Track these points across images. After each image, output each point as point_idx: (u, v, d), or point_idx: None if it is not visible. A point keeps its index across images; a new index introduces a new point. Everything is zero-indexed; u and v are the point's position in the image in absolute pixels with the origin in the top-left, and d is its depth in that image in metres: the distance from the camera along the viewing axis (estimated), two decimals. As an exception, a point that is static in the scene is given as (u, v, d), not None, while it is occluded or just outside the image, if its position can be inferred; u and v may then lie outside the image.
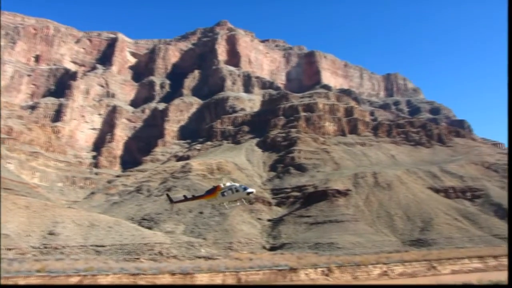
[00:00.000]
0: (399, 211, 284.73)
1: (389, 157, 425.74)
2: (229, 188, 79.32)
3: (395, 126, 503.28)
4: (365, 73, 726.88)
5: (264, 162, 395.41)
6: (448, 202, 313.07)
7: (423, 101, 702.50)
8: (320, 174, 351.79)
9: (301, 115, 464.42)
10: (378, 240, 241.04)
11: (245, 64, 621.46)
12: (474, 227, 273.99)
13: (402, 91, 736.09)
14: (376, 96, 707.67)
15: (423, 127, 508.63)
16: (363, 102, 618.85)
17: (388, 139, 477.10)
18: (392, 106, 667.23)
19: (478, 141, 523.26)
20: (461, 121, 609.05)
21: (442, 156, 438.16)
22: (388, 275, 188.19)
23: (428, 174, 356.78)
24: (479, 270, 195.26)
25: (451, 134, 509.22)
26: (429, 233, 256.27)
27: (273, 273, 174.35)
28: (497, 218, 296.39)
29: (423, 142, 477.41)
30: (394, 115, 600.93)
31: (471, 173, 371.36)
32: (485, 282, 31.62)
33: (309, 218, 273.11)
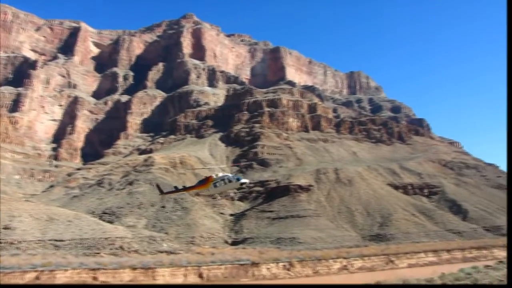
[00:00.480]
0: (359, 206, 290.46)
1: (350, 153, 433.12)
2: (221, 179, 77.12)
3: (357, 123, 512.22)
4: (329, 71, 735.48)
5: (227, 157, 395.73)
6: (406, 198, 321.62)
7: (385, 100, 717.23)
8: (283, 170, 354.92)
9: (265, 110, 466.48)
10: (338, 235, 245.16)
11: (210, 58, 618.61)
12: (430, 223, 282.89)
13: (364, 89, 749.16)
14: (339, 94, 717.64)
15: (384, 125, 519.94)
16: (326, 99, 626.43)
17: (350, 136, 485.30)
18: (355, 103, 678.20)
19: (436, 139, 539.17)
20: (420, 120, 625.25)
21: (402, 154, 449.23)
22: (348, 269, 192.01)
23: (388, 171, 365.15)
24: (434, 264, 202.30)
25: (410, 133, 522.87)
26: (388, 228, 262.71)
27: (235, 268, 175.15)
28: (451, 213, 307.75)
29: (384, 139, 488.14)
30: (356, 112, 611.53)
31: (429, 171, 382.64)
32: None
33: (271, 213, 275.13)
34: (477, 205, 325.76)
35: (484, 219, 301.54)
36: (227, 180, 75.97)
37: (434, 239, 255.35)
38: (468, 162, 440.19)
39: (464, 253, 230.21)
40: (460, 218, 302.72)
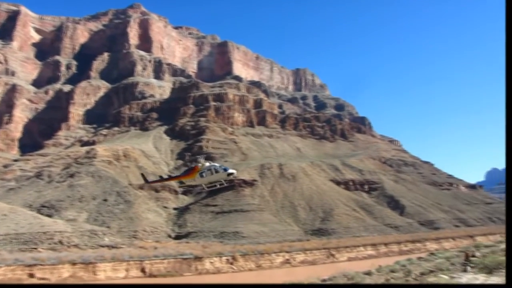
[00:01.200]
0: (302, 201, 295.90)
1: (294, 149, 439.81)
2: (208, 169, 73.57)
3: (301, 120, 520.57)
4: (275, 67, 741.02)
5: (172, 150, 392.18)
6: (347, 194, 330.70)
7: (329, 97, 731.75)
8: (228, 164, 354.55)
9: (211, 104, 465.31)
10: (281, 230, 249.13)
11: (157, 50, 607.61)
12: (369, 217, 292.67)
13: (310, 86, 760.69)
14: (285, 90, 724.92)
15: (328, 122, 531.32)
16: (272, 95, 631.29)
17: (295, 132, 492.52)
18: (300, 100, 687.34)
19: (377, 137, 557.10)
20: (362, 118, 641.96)
21: (344, 151, 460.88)
22: (290, 263, 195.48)
23: (331, 167, 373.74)
24: (372, 257, 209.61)
25: (353, 130, 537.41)
26: (329, 223, 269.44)
27: (178, 262, 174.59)
28: (389, 209, 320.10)
29: (327, 136, 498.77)
30: (301, 109, 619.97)
31: (369, 167, 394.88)
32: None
33: (215, 207, 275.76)
34: (413, 200, 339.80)
35: (419, 214, 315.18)
36: (214, 171, 72.87)
37: (373, 233, 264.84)
38: (406, 160, 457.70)
39: (400, 247, 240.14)
40: (397, 213, 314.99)
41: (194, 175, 74.69)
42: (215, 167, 73.23)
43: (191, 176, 75.68)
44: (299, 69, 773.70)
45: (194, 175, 74.69)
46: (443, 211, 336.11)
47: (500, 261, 28.63)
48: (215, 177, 73.07)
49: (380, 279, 41.45)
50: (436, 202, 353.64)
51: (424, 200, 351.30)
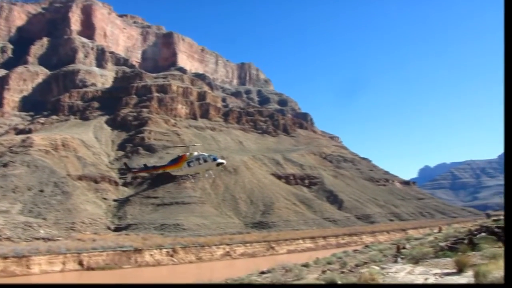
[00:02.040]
0: (243, 195, 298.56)
1: (237, 143, 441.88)
2: (196, 158, 71.20)
3: (245, 114, 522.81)
4: (220, 60, 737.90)
5: (112, 141, 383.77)
6: (288, 188, 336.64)
7: (273, 92, 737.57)
8: (170, 156, 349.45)
9: (154, 95, 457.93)
10: (222, 222, 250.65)
11: (99, 37, 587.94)
12: (309, 211, 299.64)
13: (254, 81, 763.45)
14: (229, 84, 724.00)
15: (271, 117, 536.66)
16: (216, 88, 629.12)
17: (238, 126, 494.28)
18: (244, 94, 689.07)
19: (318, 133, 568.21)
20: (305, 114, 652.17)
21: (286, 145, 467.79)
22: (231, 256, 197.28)
23: (272, 161, 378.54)
24: (311, 249, 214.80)
25: (295, 126, 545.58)
26: (270, 216, 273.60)
27: (117, 254, 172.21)
28: (328, 203, 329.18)
29: (270, 131, 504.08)
30: (245, 103, 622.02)
31: (310, 162, 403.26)
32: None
33: (156, 199, 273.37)
34: (351, 195, 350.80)
35: (357, 208, 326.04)
36: (202, 160, 70.53)
37: (312, 227, 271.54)
38: (346, 156, 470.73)
39: (338, 240, 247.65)
40: (336, 207, 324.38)
41: (181, 165, 72.53)
42: (203, 157, 71.34)
43: (178, 165, 73.35)
44: (244, 64, 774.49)
45: (181, 165, 72.53)
46: (379, 206, 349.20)
47: (425, 252, 30.79)
48: (204, 166, 71.36)
49: (317, 270, 42.53)
50: (373, 197, 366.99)
51: (361, 195, 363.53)
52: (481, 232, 36.87)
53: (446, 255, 29.24)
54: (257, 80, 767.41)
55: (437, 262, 26.36)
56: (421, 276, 21.36)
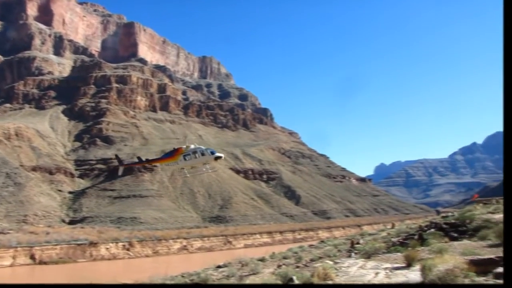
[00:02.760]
0: (202, 189, 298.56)
1: (196, 136, 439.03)
2: (193, 152, 67.16)
3: (205, 107, 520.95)
4: (182, 52, 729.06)
5: (69, 131, 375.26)
6: (246, 183, 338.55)
7: (233, 87, 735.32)
8: (128, 148, 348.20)
9: (113, 86, 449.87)
10: (180, 216, 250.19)
11: (58, 24, 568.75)
12: (267, 206, 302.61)
13: (215, 74, 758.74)
14: (190, 76, 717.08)
15: (231, 111, 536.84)
16: (177, 81, 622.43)
17: (197, 119, 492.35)
18: (204, 88, 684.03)
19: (277, 129, 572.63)
20: (265, 109, 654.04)
21: (245, 140, 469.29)
22: (188, 250, 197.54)
23: (231, 156, 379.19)
24: (268, 244, 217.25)
25: (255, 121, 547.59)
26: (228, 210, 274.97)
27: (71, 248, 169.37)
28: (286, 198, 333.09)
29: (230, 125, 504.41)
30: (205, 97, 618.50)
31: (269, 158, 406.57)
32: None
33: (113, 192, 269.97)
34: (308, 191, 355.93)
35: (314, 204, 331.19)
36: (199, 153, 66.58)
37: (269, 222, 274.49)
38: (304, 152, 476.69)
39: (295, 235, 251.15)
40: (293, 203, 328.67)
41: (177, 158, 68.76)
42: (201, 150, 67.65)
43: (174, 158, 69.55)
44: (205, 57, 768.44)
45: (177, 158, 68.76)
46: (335, 202, 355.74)
47: (378, 247, 32.28)
48: (201, 160, 67.54)
49: (273, 265, 43.37)
50: (330, 193, 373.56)
51: (318, 191, 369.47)
52: (431, 228, 38.49)
53: (397, 250, 30.46)
54: (218, 74, 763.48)
55: (388, 257, 27.47)
56: (372, 271, 22.14)
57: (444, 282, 15.11)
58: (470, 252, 22.23)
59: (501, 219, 32.54)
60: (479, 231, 30.45)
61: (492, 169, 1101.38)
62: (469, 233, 32.55)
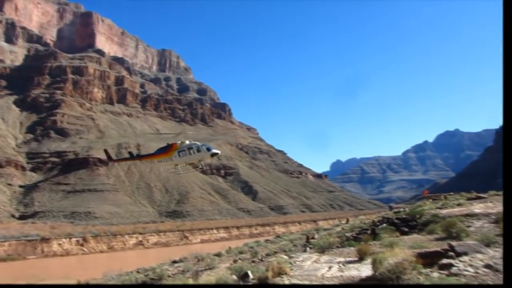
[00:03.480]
0: (158, 183, 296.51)
1: (154, 130, 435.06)
2: (188, 147, 63.93)
3: (163, 101, 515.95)
4: (140, 45, 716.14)
5: (21, 123, 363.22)
6: (204, 178, 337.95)
7: (192, 81, 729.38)
8: (83, 141, 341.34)
9: (69, 77, 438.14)
10: (136, 211, 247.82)
11: (10, 10, 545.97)
12: (224, 201, 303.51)
13: (174, 68, 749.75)
14: (148, 69, 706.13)
15: (189, 106, 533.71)
16: (135, 73, 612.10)
17: (155, 113, 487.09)
18: (163, 81, 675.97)
19: (235, 124, 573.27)
20: (223, 104, 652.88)
21: (203, 135, 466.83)
22: (144, 245, 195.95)
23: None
24: (225, 239, 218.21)
25: (213, 115, 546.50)
26: (184, 205, 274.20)
27: (21, 244, 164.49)
28: (243, 194, 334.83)
29: (188, 119, 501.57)
30: (163, 90, 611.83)
31: (227, 153, 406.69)
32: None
33: (67, 186, 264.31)
34: (265, 186, 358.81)
35: (270, 199, 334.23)
36: (195, 149, 63.36)
37: (226, 217, 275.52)
38: (262, 148, 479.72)
39: (252, 230, 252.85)
40: (250, 198, 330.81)
41: (171, 154, 65.48)
42: (197, 146, 64.39)
43: (168, 154, 66.10)
44: (164, 50, 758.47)
45: (171, 154, 65.48)
46: (291, 197, 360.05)
47: (332, 242, 32.99)
48: (196, 156, 64.53)
49: (229, 260, 43.87)
50: (286, 189, 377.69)
51: (275, 186, 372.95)
52: (383, 223, 39.45)
53: (351, 244, 31.02)
54: (177, 67, 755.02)
55: (342, 251, 28.08)
56: (326, 264, 22.75)
57: (394, 274, 15.77)
58: (418, 246, 23.23)
59: (448, 214, 35.01)
60: (428, 226, 31.44)
61: (442, 167, 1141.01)
62: (419, 227, 33.46)
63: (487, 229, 26.34)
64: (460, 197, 57.82)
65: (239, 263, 34.09)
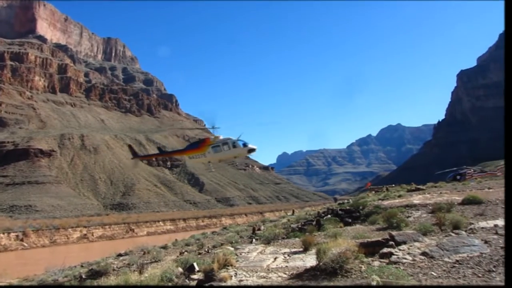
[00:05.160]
0: (103, 175, 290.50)
1: (99, 121, 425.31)
2: (223, 142, 58.24)
3: (108, 91, 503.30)
4: (85, 32, 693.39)
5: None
6: (150, 170, 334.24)
7: (139, 71, 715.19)
8: (23, 131, 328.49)
9: (7, 63, 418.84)
10: (80, 203, 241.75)
11: None
12: (170, 193, 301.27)
13: (120, 57, 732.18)
14: (93, 58, 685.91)
15: (135, 96, 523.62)
16: (79, 62, 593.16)
17: (100, 103, 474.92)
18: (109, 70, 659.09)
19: (182, 116, 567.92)
20: (170, 96, 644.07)
21: (149, 126, 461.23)
22: (88, 238, 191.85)
23: (135, 142, 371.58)
24: (171, 232, 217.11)
25: (160, 106, 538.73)
26: (130, 197, 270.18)
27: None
28: (190, 186, 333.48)
29: (134, 110, 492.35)
30: (109, 80, 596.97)
31: (173, 144, 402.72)
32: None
33: (6, 178, 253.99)
34: (212, 178, 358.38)
35: (217, 191, 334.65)
36: (231, 145, 57.89)
37: (173, 209, 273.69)
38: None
39: (198, 222, 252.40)
40: (197, 190, 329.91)
41: (204, 150, 59.79)
42: (232, 141, 58.62)
43: (201, 150, 60.37)
44: (110, 38, 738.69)
45: (204, 150, 59.79)
46: (238, 189, 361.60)
47: (278, 233, 33.60)
48: (232, 153, 59.25)
49: (175, 252, 43.64)
50: (233, 181, 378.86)
51: (222, 178, 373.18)
52: (328, 214, 40.49)
53: (296, 235, 31.52)
54: (123, 57, 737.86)
55: (287, 242, 28.33)
56: (271, 255, 23.09)
57: (337, 264, 16.04)
58: (360, 236, 23.75)
59: (389, 205, 36.14)
60: (370, 216, 32.54)
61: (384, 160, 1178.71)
62: (362, 218, 34.57)
63: (425, 219, 27.31)
64: (400, 189, 60.65)
65: (185, 255, 34.06)
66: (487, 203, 30.15)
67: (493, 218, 24.51)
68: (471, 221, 23.97)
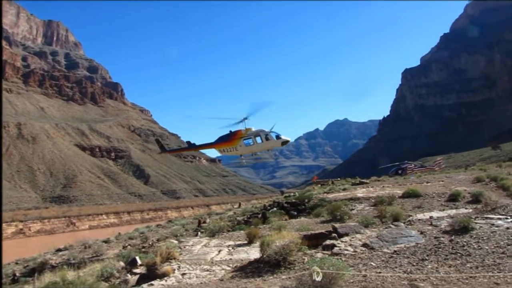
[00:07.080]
0: (42, 166, 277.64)
1: (38, 109, 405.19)
2: (255, 135, 52.68)
3: (49, 77, 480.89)
4: (23, 13, 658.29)
5: None
6: (93, 161, 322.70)
7: (82, 57, 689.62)
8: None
9: None
10: (16, 196, 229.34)
11: None
12: (114, 185, 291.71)
13: (62, 42, 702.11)
14: (32, 41, 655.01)
15: (79, 84, 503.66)
16: (16, 45, 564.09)
17: (39, 89, 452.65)
18: (49, 55, 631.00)
19: (128, 105, 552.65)
20: (115, 84, 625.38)
21: (93, 115, 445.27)
22: (25, 233, 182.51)
23: (77, 131, 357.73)
24: (115, 225, 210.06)
25: (104, 95, 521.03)
26: (71, 190, 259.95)
27: None
28: (134, 178, 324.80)
29: (76, 98, 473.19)
30: (49, 65, 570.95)
31: (118, 135, 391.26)
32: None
33: None
34: (158, 170, 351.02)
35: (163, 184, 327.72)
36: (263, 137, 52.59)
37: (117, 202, 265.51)
38: (155, 130, 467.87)
39: (143, 215, 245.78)
40: (142, 182, 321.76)
41: (236, 143, 54.10)
42: (265, 133, 53.42)
43: (232, 143, 54.44)
44: (51, 21, 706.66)
45: (236, 143, 54.10)
46: (185, 182, 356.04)
47: (223, 226, 32.75)
48: (265, 145, 54.54)
49: (118, 246, 42.70)
50: (179, 173, 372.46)
51: (168, 170, 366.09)
52: (273, 207, 41.10)
53: (241, 228, 31.49)
54: (65, 41, 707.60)
55: (232, 235, 28.07)
56: (216, 248, 22.85)
57: (280, 256, 16.36)
58: (305, 228, 24.20)
59: (334, 198, 37.01)
60: (315, 209, 33.32)
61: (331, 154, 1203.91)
62: (307, 211, 35.27)
63: (367, 212, 28.46)
64: (345, 182, 62.98)
65: (128, 249, 33.92)
66: (424, 196, 31.88)
67: (429, 210, 26.30)
68: (410, 213, 25.42)
